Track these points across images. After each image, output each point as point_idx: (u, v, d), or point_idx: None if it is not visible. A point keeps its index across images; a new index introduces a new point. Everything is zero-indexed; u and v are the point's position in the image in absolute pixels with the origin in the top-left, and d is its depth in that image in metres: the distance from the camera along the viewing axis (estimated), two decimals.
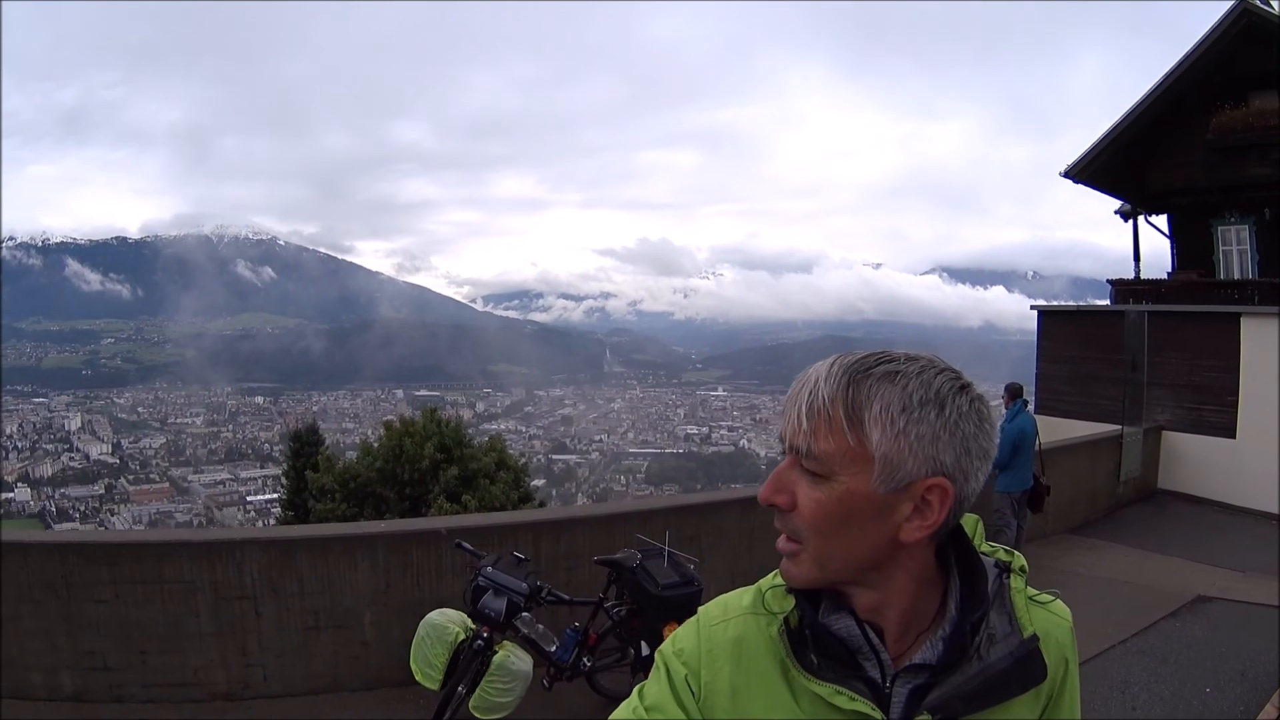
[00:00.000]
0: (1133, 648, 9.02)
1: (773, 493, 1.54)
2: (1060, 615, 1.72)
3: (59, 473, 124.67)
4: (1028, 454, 11.75)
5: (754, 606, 1.67)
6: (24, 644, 7.31)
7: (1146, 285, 22.87)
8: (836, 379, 1.49)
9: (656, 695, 1.63)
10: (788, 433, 1.53)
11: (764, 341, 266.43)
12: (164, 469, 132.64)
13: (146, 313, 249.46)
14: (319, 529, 10.35)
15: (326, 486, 20.63)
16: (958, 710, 1.52)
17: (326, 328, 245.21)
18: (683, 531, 8.37)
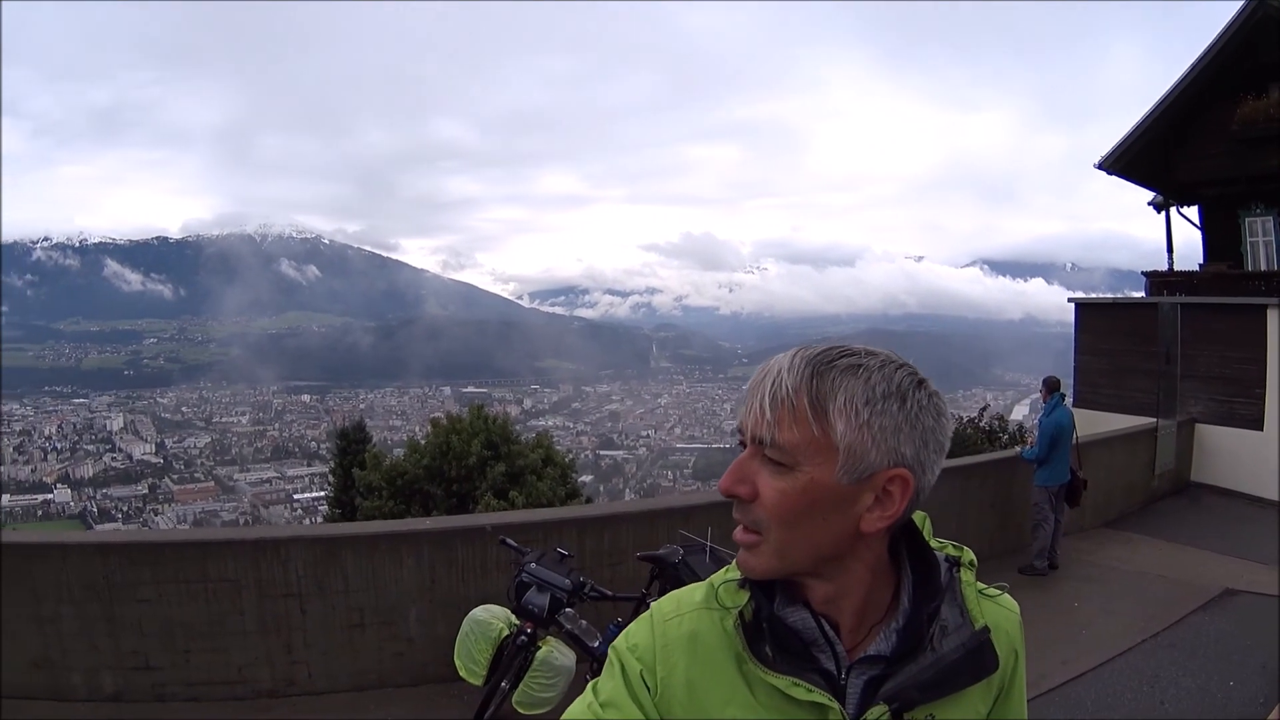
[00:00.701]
0: (1163, 642, 9.05)
1: (733, 483, 1.56)
2: (1009, 608, 1.77)
3: (100, 473, 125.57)
4: (1065, 448, 11.70)
5: (707, 601, 1.69)
6: (64, 645, 7.37)
7: (1179, 277, 22.75)
8: (800, 370, 1.52)
9: (611, 691, 1.64)
10: (748, 423, 1.55)
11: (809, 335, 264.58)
12: (209, 468, 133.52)
13: (189, 312, 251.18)
14: (364, 527, 10.40)
15: (373, 484, 20.72)
16: (914, 699, 1.56)
17: (373, 325, 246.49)
18: (725, 528, 8.28)
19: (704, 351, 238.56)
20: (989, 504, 12.12)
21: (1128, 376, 20.44)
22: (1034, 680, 7.74)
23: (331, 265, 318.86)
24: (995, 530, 12.21)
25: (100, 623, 7.36)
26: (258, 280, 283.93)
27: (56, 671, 7.41)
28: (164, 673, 7.45)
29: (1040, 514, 11.52)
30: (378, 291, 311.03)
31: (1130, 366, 20.45)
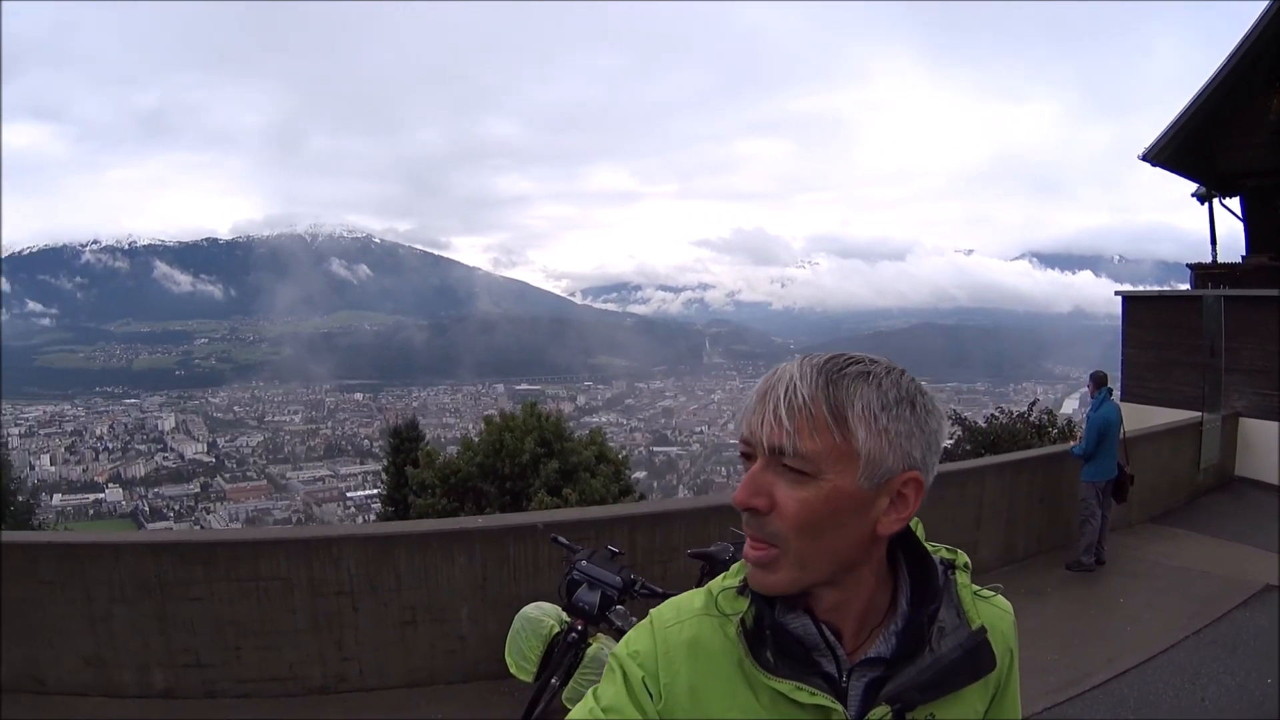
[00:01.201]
0: (1205, 639, 8.99)
1: (750, 495, 1.54)
2: (1003, 608, 1.82)
3: (152, 473, 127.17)
4: (1112, 443, 11.59)
5: (707, 608, 1.70)
6: (116, 643, 7.49)
7: (1222, 269, 22.52)
8: (813, 379, 1.53)
9: (613, 697, 1.64)
10: (762, 434, 1.53)
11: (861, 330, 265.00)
12: (261, 466, 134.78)
13: (240, 312, 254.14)
14: (416, 525, 10.49)
15: (427, 482, 20.81)
16: (915, 700, 1.59)
17: (425, 323, 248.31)
18: None
19: (757, 347, 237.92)
20: (1038, 499, 12.05)
21: (1174, 370, 20.26)
22: (1078, 678, 7.88)
23: (383, 264, 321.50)
24: (1044, 526, 12.13)
25: (152, 621, 7.46)
26: (309, 279, 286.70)
27: (108, 669, 7.52)
28: (215, 670, 7.54)
29: (1088, 509, 11.44)
30: (430, 289, 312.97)
31: (1176, 360, 20.27)
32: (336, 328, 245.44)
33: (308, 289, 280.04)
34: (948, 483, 10.76)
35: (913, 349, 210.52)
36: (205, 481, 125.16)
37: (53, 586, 7.53)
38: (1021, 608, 6.24)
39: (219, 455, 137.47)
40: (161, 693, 7.52)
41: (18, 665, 7.59)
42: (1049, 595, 10.27)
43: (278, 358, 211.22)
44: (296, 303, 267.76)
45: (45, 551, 7.82)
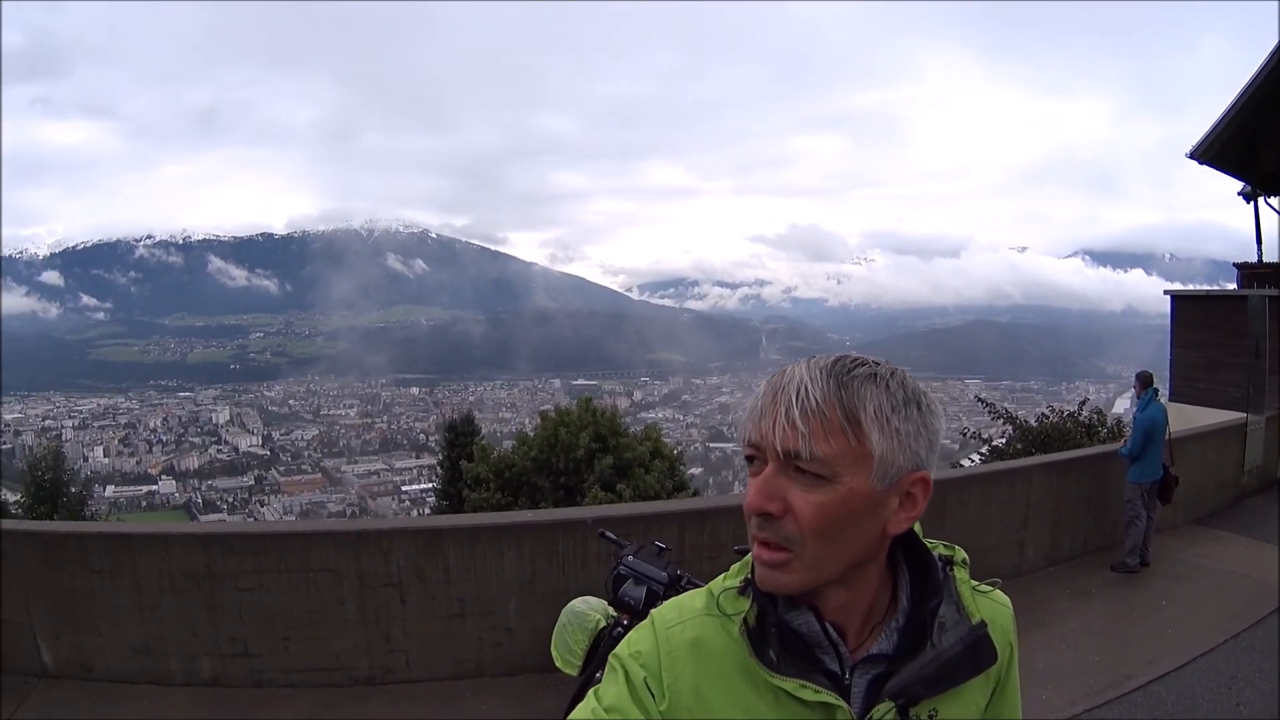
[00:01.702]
0: (1243, 643, 8.91)
1: (765, 500, 1.54)
2: (1001, 603, 1.83)
3: (206, 465, 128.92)
4: (1158, 444, 11.43)
5: (708, 608, 1.71)
6: (164, 631, 7.61)
7: (1268, 269, 22.20)
8: (823, 382, 1.53)
9: (615, 697, 1.64)
10: (774, 438, 1.52)
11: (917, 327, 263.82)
12: (316, 460, 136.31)
13: (296, 306, 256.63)
14: (466, 518, 10.56)
15: (481, 476, 20.89)
16: (919, 694, 1.61)
17: (482, 318, 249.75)
18: None
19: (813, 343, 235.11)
20: (1085, 499, 11.90)
21: (1221, 370, 20.00)
22: (1118, 680, 7.84)
23: (439, 258, 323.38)
24: (1091, 526, 11.99)
25: (201, 610, 7.57)
26: (365, 274, 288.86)
27: (156, 657, 7.64)
28: (262, 659, 7.64)
29: (1132, 511, 11.31)
30: (486, 284, 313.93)
31: (1223, 360, 20.00)
32: (393, 322, 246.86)
33: (364, 283, 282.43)
34: (996, 481, 10.82)
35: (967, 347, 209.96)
36: (259, 475, 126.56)
37: (103, 575, 7.65)
38: (1066, 609, 6.22)
39: (273, 448, 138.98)
40: (208, 681, 7.62)
41: (67, 652, 7.76)
42: (1094, 596, 10.21)
43: (333, 352, 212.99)
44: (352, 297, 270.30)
45: (96, 541, 7.95)
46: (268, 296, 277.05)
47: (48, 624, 7.78)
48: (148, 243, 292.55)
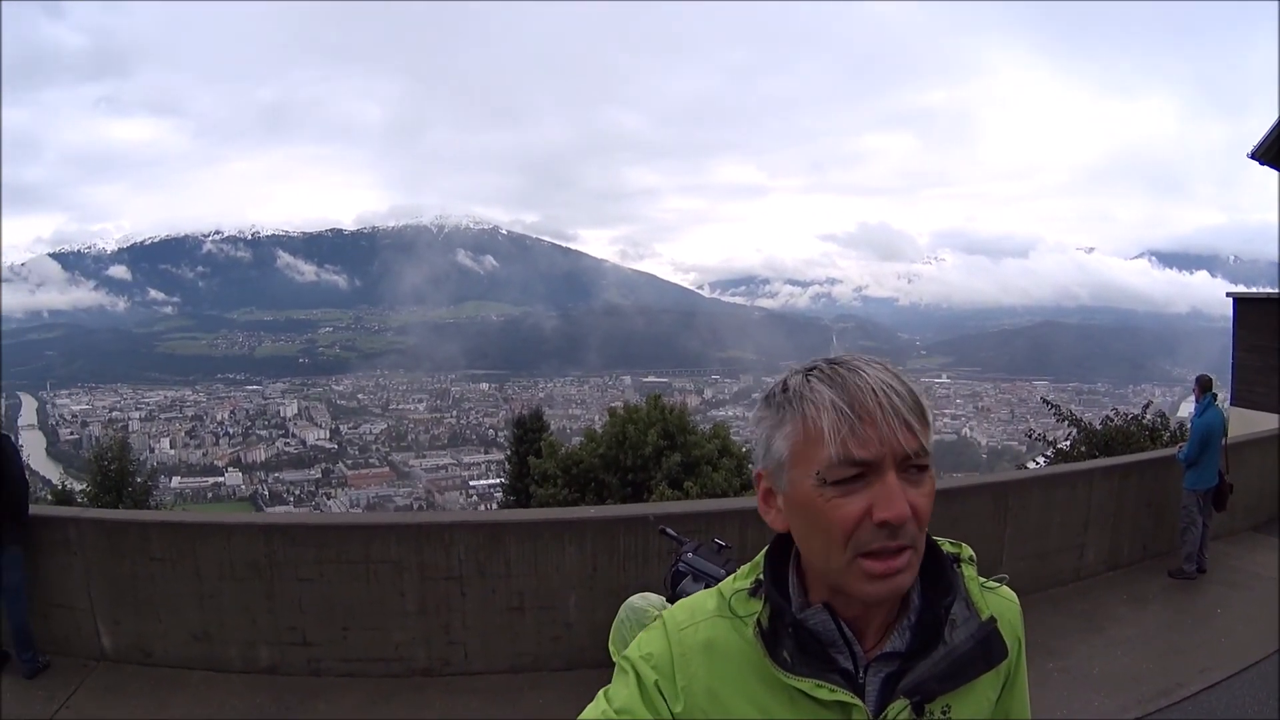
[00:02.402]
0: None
1: (906, 508, 1.49)
2: (1009, 599, 1.82)
3: (273, 458, 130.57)
4: (1215, 450, 11.23)
5: (720, 610, 1.71)
6: (224, 620, 7.80)
7: None
8: (899, 380, 1.55)
9: (626, 699, 1.65)
10: (897, 444, 1.48)
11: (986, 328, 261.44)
12: (384, 454, 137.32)
13: (365, 302, 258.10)
14: (528, 513, 10.57)
15: (548, 472, 21.11)
16: (934, 691, 1.61)
17: (552, 314, 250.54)
18: None
19: (883, 343, 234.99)
20: (1145, 503, 11.71)
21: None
22: (1170, 688, 7.78)
23: (510, 255, 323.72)
24: (1151, 531, 11.79)
25: (261, 599, 7.74)
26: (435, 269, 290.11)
27: (214, 644, 7.82)
28: (320, 648, 7.78)
29: (1189, 517, 11.13)
30: (557, 281, 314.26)
31: None
32: (463, 318, 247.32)
33: (434, 279, 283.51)
34: (1057, 484, 10.70)
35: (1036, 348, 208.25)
36: (326, 467, 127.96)
37: (164, 563, 7.83)
38: (1123, 615, 6.17)
39: (341, 442, 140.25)
40: (266, 669, 7.77)
41: (127, 637, 7.95)
42: (1150, 602, 10.09)
43: (403, 346, 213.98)
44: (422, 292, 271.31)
45: (158, 529, 8.14)
46: (337, 292, 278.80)
47: (108, 610, 7.97)
48: (216, 238, 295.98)
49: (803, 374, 1.60)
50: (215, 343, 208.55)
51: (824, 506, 1.50)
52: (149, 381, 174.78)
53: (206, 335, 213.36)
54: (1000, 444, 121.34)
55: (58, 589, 8.09)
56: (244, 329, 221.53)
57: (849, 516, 1.48)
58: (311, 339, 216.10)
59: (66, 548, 8.04)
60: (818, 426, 1.50)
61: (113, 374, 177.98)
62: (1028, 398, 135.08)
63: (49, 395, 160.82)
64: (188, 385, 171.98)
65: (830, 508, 1.50)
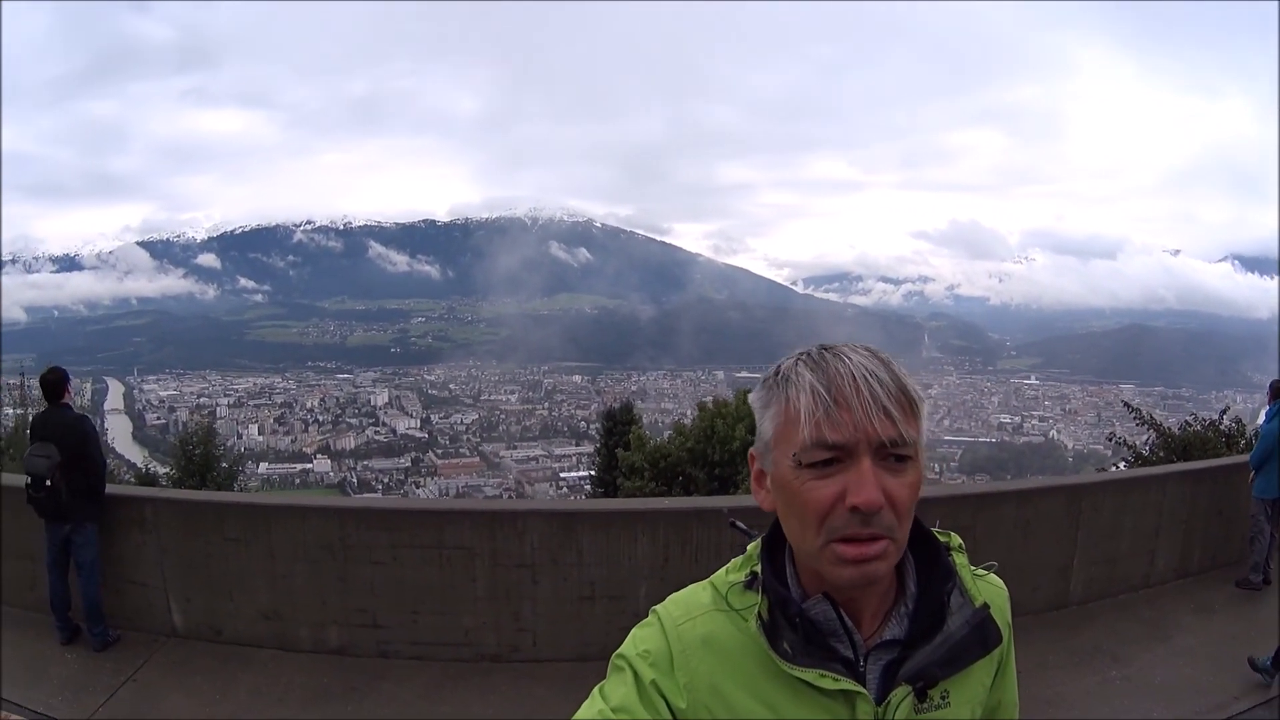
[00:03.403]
0: None
1: (879, 494, 1.49)
2: (998, 586, 1.86)
3: (362, 446, 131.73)
4: None
5: (715, 604, 1.72)
6: (294, 600, 8.01)
7: None
8: (886, 368, 1.56)
9: (623, 698, 1.63)
10: (873, 429, 1.49)
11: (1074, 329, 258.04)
12: (475, 444, 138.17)
13: (458, 293, 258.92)
14: (602, 503, 10.65)
15: (636, 465, 21.13)
16: (935, 677, 1.61)
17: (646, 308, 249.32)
18: (958, 521, 8.22)
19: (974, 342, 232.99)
20: (1217, 511, 11.42)
21: None
22: (1225, 701, 7.71)
23: (604, 248, 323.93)
24: (1221, 539, 11.51)
25: (333, 581, 7.93)
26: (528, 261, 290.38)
27: (285, 624, 8.02)
28: (390, 631, 7.94)
29: (1256, 526, 10.85)
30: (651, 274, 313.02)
31: None
32: (557, 309, 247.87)
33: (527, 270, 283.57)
34: (1130, 489, 10.56)
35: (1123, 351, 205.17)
36: (416, 456, 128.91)
37: (238, 544, 8.07)
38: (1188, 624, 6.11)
39: (432, 431, 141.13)
40: (335, 650, 7.95)
41: (198, 615, 8.19)
42: (1216, 613, 9.88)
43: (496, 338, 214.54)
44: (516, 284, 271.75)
45: (233, 510, 8.48)
46: (429, 282, 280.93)
47: (180, 587, 8.21)
48: (307, 228, 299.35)
49: (795, 358, 1.62)
50: (306, 331, 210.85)
51: (799, 489, 1.53)
52: (238, 369, 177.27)
53: (297, 324, 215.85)
54: (1086, 448, 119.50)
55: (132, 566, 8.37)
56: (335, 318, 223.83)
57: (822, 500, 1.51)
58: (404, 329, 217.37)
59: (142, 526, 8.30)
60: (796, 409, 1.54)
61: (201, 361, 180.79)
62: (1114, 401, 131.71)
63: (136, 380, 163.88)
64: (277, 373, 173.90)
65: (805, 490, 1.52)
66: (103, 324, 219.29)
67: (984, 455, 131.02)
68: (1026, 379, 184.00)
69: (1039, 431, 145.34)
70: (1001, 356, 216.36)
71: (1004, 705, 1.89)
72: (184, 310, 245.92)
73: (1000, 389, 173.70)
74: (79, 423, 8.26)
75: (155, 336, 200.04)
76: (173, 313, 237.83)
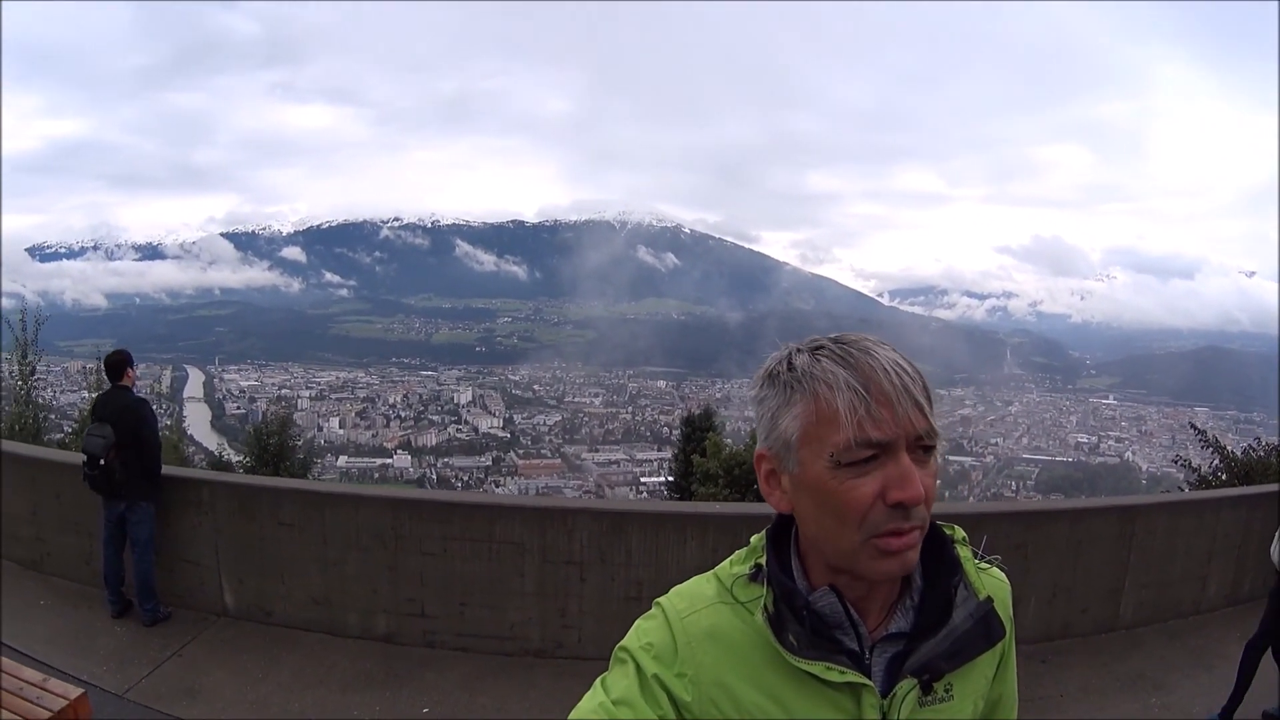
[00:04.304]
0: None
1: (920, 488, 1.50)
2: (1001, 579, 1.83)
3: (444, 443, 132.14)
4: None
5: (720, 596, 1.71)
6: (345, 586, 8.22)
7: None
8: (906, 361, 1.56)
9: (625, 690, 1.62)
10: (912, 423, 1.50)
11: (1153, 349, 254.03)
12: (557, 445, 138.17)
13: (545, 294, 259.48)
14: (652, 505, 10.70)
15: (711, 472, 21.14)
16: (942, 670, 1.62)
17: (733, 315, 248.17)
18: (1010, 539, 8.44)
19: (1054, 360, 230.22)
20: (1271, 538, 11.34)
21: None
22: None
23: (692, 253, 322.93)
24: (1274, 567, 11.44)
25: (383, 570, 8.11)
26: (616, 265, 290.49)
27: (334, 609, 8.23)
28: (437, 621, 8.09)
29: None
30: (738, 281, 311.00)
31: None
32: (643, 314, 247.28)
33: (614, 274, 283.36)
34: (1184, 511, 10.41)
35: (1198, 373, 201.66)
36: (498, 455, 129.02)
37: (292, 529, 8.29)
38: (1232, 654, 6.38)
39: (514, 431, 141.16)
40: (382, 637, 8.15)
41: (249, 596, 8.45)
42: None
43: (581, 340, 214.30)
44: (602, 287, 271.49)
45: (289, 496, 8.65)
46: (516, 282, 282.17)
47: (234, 569, 8.49)
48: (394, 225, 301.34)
49: (808, 353, 1.61)
50: (391, 327, 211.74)
51: (837, 489, 1.51)
52: (321, 362, 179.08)
53: (382, 319, 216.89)
54: (1160, 470, 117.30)
55: (187, 546, 8.65)
56: (421, 315, 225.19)
57: (863, 498, 1.49)
58: (489, 328, 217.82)
59: (199, 507, 8.58)
60: (832, 407, 1.50)
61: (284, 353, 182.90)
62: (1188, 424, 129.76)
63: (217, 370, 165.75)
64: (361, 367, 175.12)
65: (844, 490, 1.50)
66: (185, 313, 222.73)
67: (1060, 475, 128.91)
68: (1105, 398, 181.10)
69: (1114, 452, 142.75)
70: (1081, 375, 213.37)
71: (1004, 699, 1.89)
72: (268, 302, 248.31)
73: (1079, 408, 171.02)
74: (137, 405, 8.53)
75: (238, 327, 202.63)
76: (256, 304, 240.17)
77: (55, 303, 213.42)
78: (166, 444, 19.90)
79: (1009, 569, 1.73)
